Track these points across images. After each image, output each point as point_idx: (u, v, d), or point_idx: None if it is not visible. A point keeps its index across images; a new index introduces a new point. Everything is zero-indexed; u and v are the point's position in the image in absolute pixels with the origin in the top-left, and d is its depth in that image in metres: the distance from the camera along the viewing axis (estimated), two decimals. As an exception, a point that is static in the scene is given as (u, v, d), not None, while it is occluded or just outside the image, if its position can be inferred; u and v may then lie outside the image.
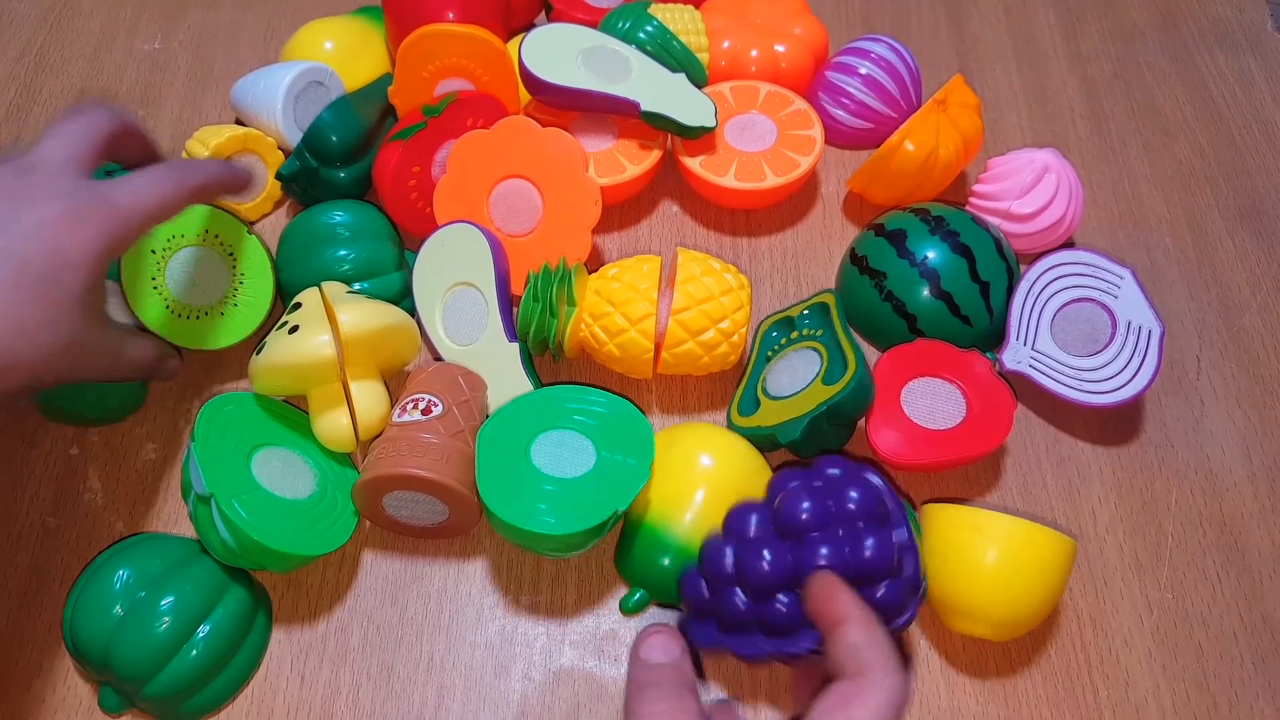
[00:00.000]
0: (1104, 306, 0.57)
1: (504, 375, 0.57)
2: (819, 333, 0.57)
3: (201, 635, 0.47)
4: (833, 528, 0.43)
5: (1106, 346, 0.57)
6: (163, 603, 0.46)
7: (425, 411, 0.52)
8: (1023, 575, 0.47)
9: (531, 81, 0.61)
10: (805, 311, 0.59)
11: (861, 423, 0.55)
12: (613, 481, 0.49)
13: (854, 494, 0.44)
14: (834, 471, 0.46)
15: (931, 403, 0.55)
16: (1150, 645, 0.52)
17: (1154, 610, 0.53)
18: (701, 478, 0.50)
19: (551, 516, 0.47)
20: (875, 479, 0.46)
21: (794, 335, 0.58)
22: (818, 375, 0.54)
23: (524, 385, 0.57)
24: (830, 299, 0.58)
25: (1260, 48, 0.79)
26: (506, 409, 0.54)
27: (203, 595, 0.47)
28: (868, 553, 0.42)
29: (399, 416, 0.52)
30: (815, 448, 0.53)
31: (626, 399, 0.53)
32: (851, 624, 0.37)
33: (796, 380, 0.55)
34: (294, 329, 0.51)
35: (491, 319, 0.58)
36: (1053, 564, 0.48)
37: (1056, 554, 0.48)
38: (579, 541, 0.48)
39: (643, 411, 0.54)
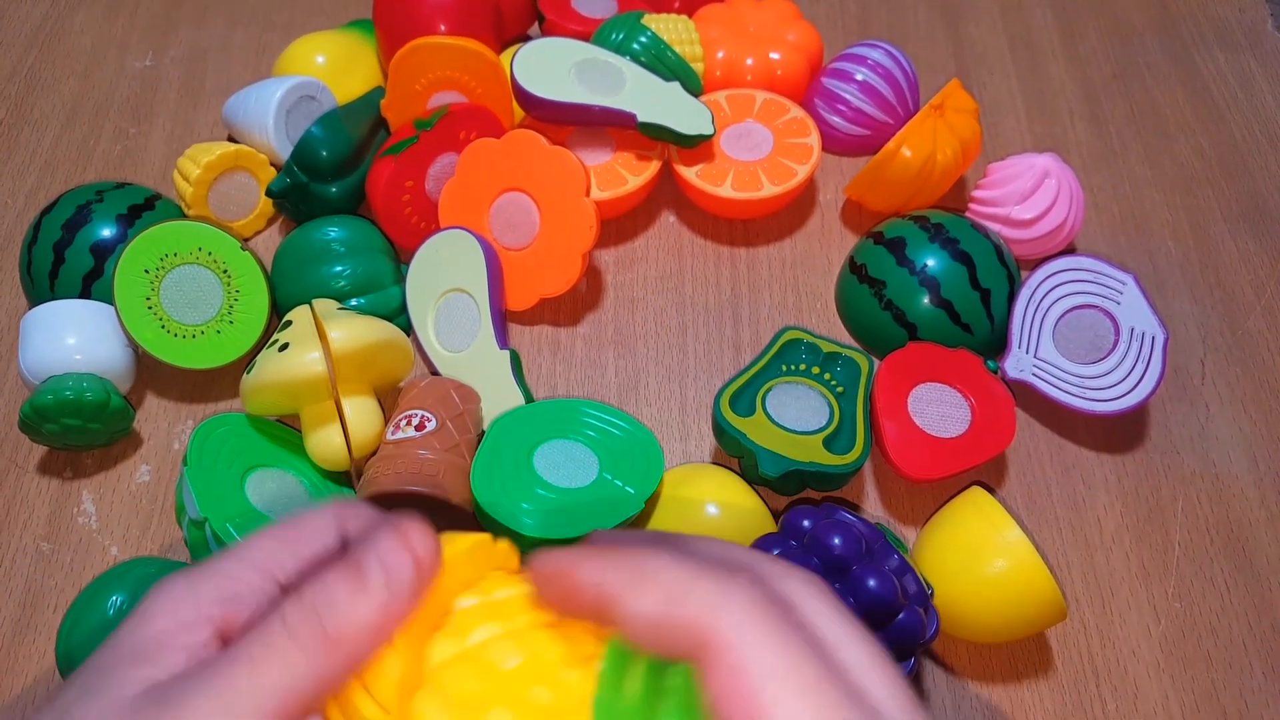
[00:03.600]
0: (1106, 313, 0.57)
1: (494, 383, 0.57)
2: (841, 389, 0.56)
3: (197, 660, 0.46)
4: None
5: (1110, 353, 0.56)
6: (157, 628, 0.46)
7: (419, 427, 0.51)
8: (998, 593, 0.47)
9: (525, 98, 0.60)
10: (841, 358, 0.58)
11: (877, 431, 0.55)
12: (605, 503, 0.49)
13: (836, 540, 0.45)
14: (805, 523, 0.47)
15: (939, 409, 0.54)
16: (1158, 655, 0.51)
17: (1162, 619, 0.52)
18: (703, 526, 0.50)
19: (532, 519, 0.47)
20: (846, 516, 0.47)
21: (816, 370, 0.58)
22: (822, 431, 0.53)
23: (514, 393, 0.56)
24: (866, 365, 0.57)
25: (1260, 48, 0.78)
26: (527, 408, 0.54)
27: (197, 620, 0.47)
28: (872, 591, 0.43)
29: (393, 434, 0.51)
30: (788, 488, 0.53)
31: (651, 431, 0.53)
32: (620, 601, 0.23)
33: (800, 419, 0.54)
34: (284, 347, 0.51)
35: (483, 326, 0.58)
36: (1033, 612, 0.47)
37: (1041, 608, 0.47)
38: None
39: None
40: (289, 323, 0.53)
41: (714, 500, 0.50)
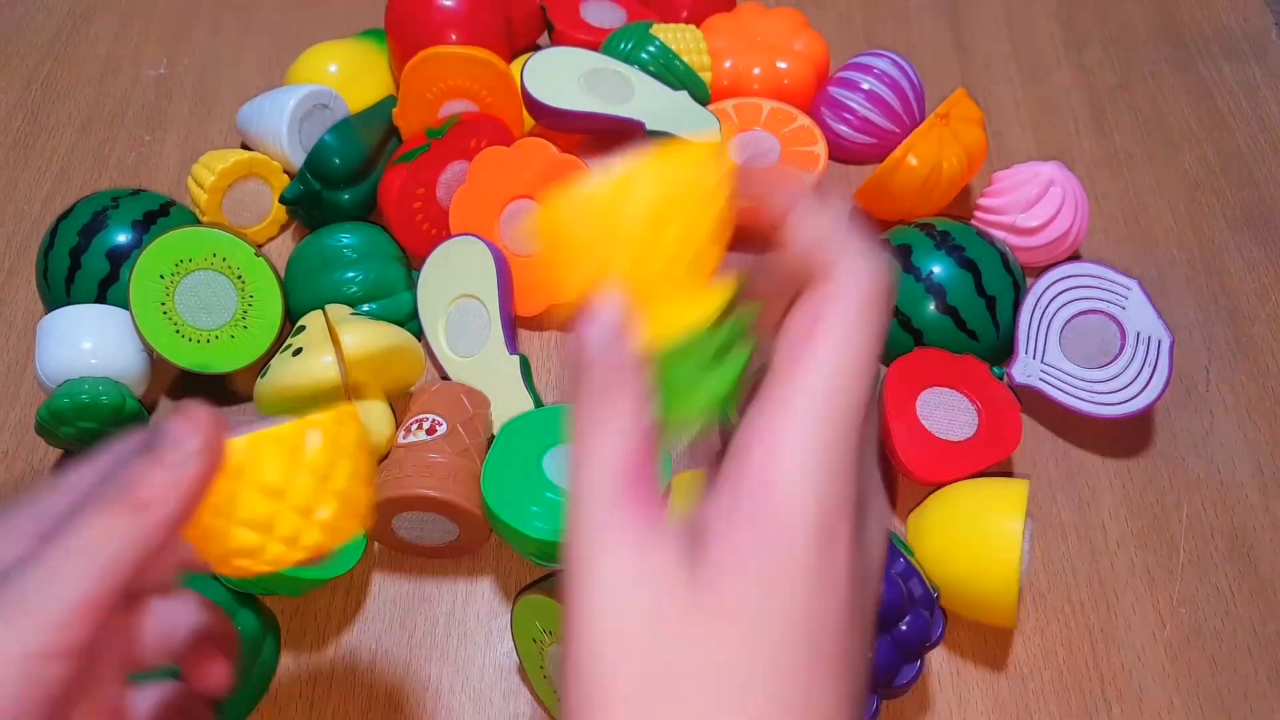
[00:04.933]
0: (1112, 318, 0.57)
1: (504, 388, 0.57)
2: None
3: (210, 661, 0.47)
4: None
5: (1116, 358, 0.57)
6: (171, 629, 0.46)
7: (430, 431, 0.52)
8: (967, 567, 0.48)
9: (536, 107, 0.61)
10: None
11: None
12: None
13: None
14: None
15: (947, 414, 0.55)
16: (1164, 661, 0.52)
17: (1166, 625, 0.53)
18: None
19: (541, 521, 0.48)
20: None
21: None
22: None
23: (524, 398, 0.57)
24: None
25: (1265, 57, 0.79)
26: (536, 412, 0.54)
27: (211, 620, 0.47)
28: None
29: (404, 438, 0.52)
30: None
31: None
32: (799, 212, 0.25)
33: None
34: (298, 351, 0.52)
35: (493, 332, 0.58)
36: (987, 601, 0.49)
37: (995, 600, 0.48)
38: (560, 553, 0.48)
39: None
40: (302, 328, 0.54)
41: None
